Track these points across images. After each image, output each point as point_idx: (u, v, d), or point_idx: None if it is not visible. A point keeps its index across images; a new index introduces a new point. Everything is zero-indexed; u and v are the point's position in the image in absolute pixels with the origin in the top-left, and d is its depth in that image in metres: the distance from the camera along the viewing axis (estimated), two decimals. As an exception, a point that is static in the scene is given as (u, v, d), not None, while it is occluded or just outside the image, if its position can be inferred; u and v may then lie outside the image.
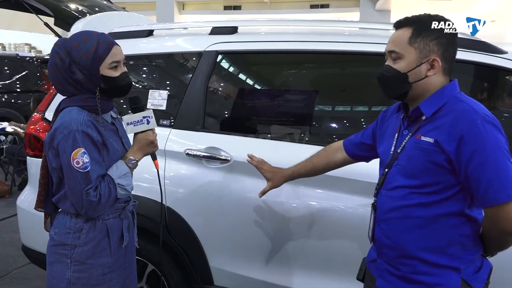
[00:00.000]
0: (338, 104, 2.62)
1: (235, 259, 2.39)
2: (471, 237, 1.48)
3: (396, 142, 1.59)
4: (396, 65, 1.51)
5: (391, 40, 1.54)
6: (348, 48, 2.39)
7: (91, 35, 1.69)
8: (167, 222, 2.40)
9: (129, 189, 1.72)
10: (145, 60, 2.74)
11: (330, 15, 17.25)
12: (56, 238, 1.73)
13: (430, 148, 1.45)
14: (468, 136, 1.38)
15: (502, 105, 2.46)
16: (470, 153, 1.38)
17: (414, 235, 1.49)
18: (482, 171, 1.37)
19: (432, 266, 1.48)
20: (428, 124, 1.49)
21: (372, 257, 1.68)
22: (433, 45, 1.48)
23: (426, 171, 1.46)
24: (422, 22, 1.50)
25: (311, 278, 2.29)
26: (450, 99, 1.48)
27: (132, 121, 1.75)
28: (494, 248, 1.53)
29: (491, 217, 1.42)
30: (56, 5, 3.13)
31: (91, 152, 1.62)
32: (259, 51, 2.51)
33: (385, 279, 1.58)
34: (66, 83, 1.68)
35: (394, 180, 1.55)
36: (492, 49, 2.22)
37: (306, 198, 2.27)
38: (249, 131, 2.55)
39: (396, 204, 1.53)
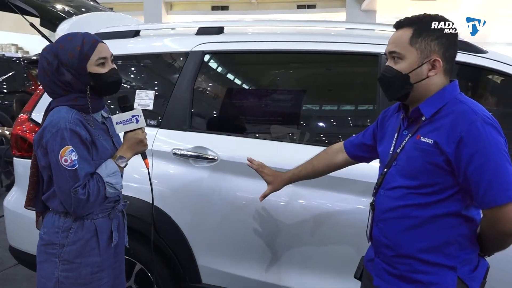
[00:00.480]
0: (325, 104, 2.63)
1: (222, 257, 2.39)
2: (468, 237, 1.48)
3: (396, 142, 1.57)
4: (397, 65, 1.49)
5: (392, 41, 1.52)
6: (334, 48, 2.40)
7: (76, 36, 1.70)
8: (155, 222, 2.39)
9: (118, 188, 1.72)
10: (132, 60, 2.73)
11: (316, 15, 17.32)
12: (45, 237, 1.73)
13: (429, 149, 1.43)
14: (467, 137, 1.37)
15: (484, 103, 2.49)
16: (470, 155, 1.36)
17: (412, 235, 1.48)
18: (482, 173, 1.36)
19: (429, 265, 1.47)
20: (428, 125, 1.47)
21: (370, 256, 1.67)
22: (434, 45, 1.46)
23: (425, 172, 1.45)
24: (422, 22, 1.48)
25: (299, 275, 2.30)
26: (450, 100, 1.46)
27: (121, 120, 1.74)
28: (492, 248, 1.52)
29: (491, 218, 1.41)
30: (42, 6, 3.10)
31: (79, 150, 1.61)
32: (245, 51, 2.52)
33: (383, 278, 1.57)
34: (55, 86, 1.69)
35: (393, 180, 1.54)
36: (474, 49, 2.25)
37: (294, 196, 2.28)
38: (236, 130, 2.55)
39: (394, 204, 1.52)
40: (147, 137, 2.09)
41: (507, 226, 1.38)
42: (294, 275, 2.31)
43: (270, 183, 2.00)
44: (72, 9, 3.32)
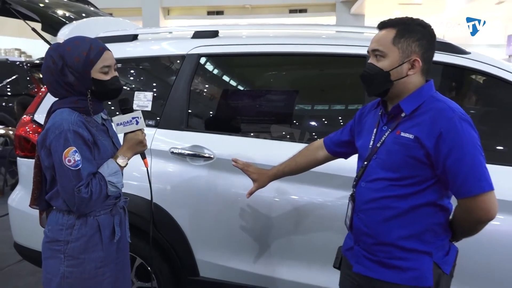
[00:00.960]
0: (316, 103, 2.64)
1: (219, 251, 2.39)
2: (443, 225, 1.53)
3: (375, 137, 1.60)
4: (380, 63, 1.52)
5: (376, 40, 1.54)
6: (325, 50, 2.41)
7: (84, 40, 1.70)
8: (154, 218, 2.39)
9: (120, 186, 1.72)
10: (131, 63, 2.72)
11: (308, 19, 17.34)
12: (49, 234, 1.73)
13: (410, 143, 1.47)
14: (446, 133, 1.41)
15: (467, 102, 2.50)
16: (449, 149, 1.41)
17: (392, 224, 1.51)
18: (459, 165, 1.41)
19: (407, 252, 1.50)
20: (408, 121, 1.51)
21: (348, 245, 1.68)
22: (415, 46, 1.49)
23: (405, 165, 1.48)
24: (406, 24, 1.51)
25: (291, 267, 2.31)
26: (428, 98, 1.51)
27: (122, 122, 1.75)
28: (463, 235, 1.58)
29: (466, 206, 1.46)
30: (43, 11, 3.08)
31: (82, 150, 1.61)
32: (239, 54, 2.52)
33: (363, 264, 1.59)
34: (58, 86, 1.68)
35: (373, 173, 1.56)
36: (457, 50, 2.25)
37: (287, 192, 2.28)
38: (231, 129, 2.55)
39: (375, 195, 1.54)
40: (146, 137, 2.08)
41: (480, 214, 1.44)
42: (285, 267, 2.32)
43: (256, 181, 2.01)
44: (72, 15, 3.30)
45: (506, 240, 2.03)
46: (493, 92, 2.36)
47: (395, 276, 1.51)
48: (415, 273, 1.49)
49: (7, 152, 6.23)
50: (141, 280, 2.53)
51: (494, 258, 2.04)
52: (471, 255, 1.93)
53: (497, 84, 2.24)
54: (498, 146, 2.30)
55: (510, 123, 2.30)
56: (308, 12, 17.67)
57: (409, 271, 1.50)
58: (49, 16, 3.04)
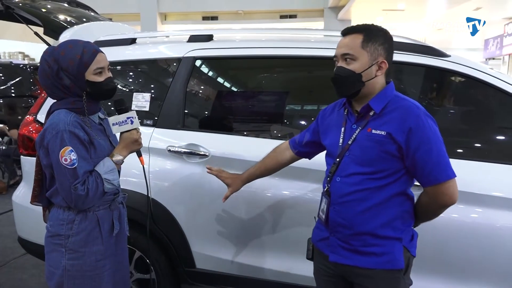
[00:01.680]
0: (306, 104, 2.63)
1: (214, 244, 2.39)
2: (410, 212, 1.61)
3: (344, 135, 1.63)
4: (350, 66, 1.55)
5: (344, 45, 1.58)
6: (314, 53, 2.40)
7: (77, 44, 1.68)
8: (152, 213, 2.38)
9: (116, 183, 1.70)
10: (129, 65, 2.70)
11: (297, 24, 17.36)
12: (51, 229, 1.72)
13: (383, 139, 1.52)
14: (415, 128, 1.48)
15: (447, 102, 2.51)
16: (418, 143, 1.48)
17: (368, 215, 1.56)
18: (428, 157, 1.48)
19: (381, 239, 1.56)
20: (377, 119, 1.55)
21: (320, 236, 1.70)
22: (381, 49, 1.55)
23: (379, 159, 1.53)
24: (370, 30, 1.57)
25: (281, 259, 2.31)
26: (392, 98, 1.57)
27: (117, 122, 1.73)
28: (425, 219, 1.66)
29: (432, 193, 1.54)
30: (45, 16, 3.04)
31: (78, 150, 1.60)
32: (232, 57, 2.50)
33: (339, 254, 1.62)
34: (55, 88, 1.67)
35: (348, 168, 1.59)
36: (437, 53, 2.26)
37: (278, 188, 2.28)
38: (225, 129, 2.54)
39: (351, 189, 1.57)
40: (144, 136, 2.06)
41: (446, 198, 1.53)
42: (276, 259, 2.31)
43: (230, 185, 2.01)
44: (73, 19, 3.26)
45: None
46: (471, 92, 2.37)
47: (371, 262, 1.56)
48: (388, 257, 1.55)
49: (11, 151, 6.17)
50: (140, 272, 2.52)
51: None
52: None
53: (475, 85, 2.25)
54: (476, 143, 2.32)
55: (487, 121, 2.32)
56: (298, 17, 17.68)
57: (383, 256, 1.55)
58: (51, 20, 3.01)
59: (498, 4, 11.41)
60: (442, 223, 1.99)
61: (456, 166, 1.55)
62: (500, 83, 2.15)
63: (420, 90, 2.48)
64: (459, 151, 2.24)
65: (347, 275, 1.63)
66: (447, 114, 2.45)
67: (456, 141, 2.32)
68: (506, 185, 2.06)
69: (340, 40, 1.61)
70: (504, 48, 12.74)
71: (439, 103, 2.52)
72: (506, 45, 12.60)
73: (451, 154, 2.15)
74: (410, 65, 2.27)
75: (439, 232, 2.06)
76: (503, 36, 12.77)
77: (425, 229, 1.76)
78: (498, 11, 12.09)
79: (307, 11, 17.29)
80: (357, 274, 1.59)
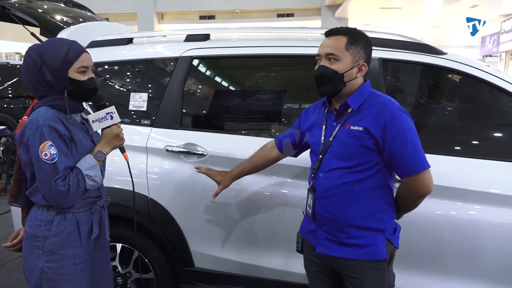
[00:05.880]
0: (303, 102, 2.63)
1: (213, 243, 2.39)
2: (391, 204, 1.68)
3: (325, 133, 1.70)
4: (334, 66, 1.62)
5: (328, 45, 1.64)
6: (311, 52, 2.39)
7: (65, 41, 1.67)
8: (151, 212, 2.38)
9: (98, 180, 1.65)
10: (126, 65, 2.69)
11: (294, 23, 17.36)
12: (28, 231, 1.67)
13: (360, 135, 1.59)
14: (390, 122, 1.56)
15: (444, 99, 2.52)
16: (393, 136, 1.56)
17: (351, 207, 1.62)
18: (403, 149, 1.56)
19: (363, 230, 1.62)
20: (355, 116, 1.63)
21: (308, 228, 1.76)
22: (362, 52, 1.64)
23: (358, 153, 1.60)
24: (354, 34, 1.65)
25: (279, 257, 2.31)
26: (369, 95, 1.65)
27: (97, 118, 1.69)
28: (405, 211, 1.73)
29: (409, 184, 1.62)
30: (42, 16, 3.03)
31: (58, 145, 1.57)
32: (229, 56, 2.50)
33: (325, 246, 1.68)
34: (37, 83, 1.64)
35: (330, 164, 1.66)
36: (434, 51, 2.26)
37: (275, 187, 2.28)
38: (223, 128, 2.54)
39: (335, 183, 1.64)
40: (142, 136, 2.06)
41: (422, 188, 1.60)
42: (278, 257, 2.31)
43: (220, 183, 2.06)
44: (70, 19, 3.25)
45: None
46: (468, 89, 2.38)
47: (355, 253, 1.62)
48: (372, 249, 1.61)
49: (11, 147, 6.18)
50: (138, 271, 2.51)
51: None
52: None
53: (471, 82, 2.26)
54: (474, 140, 2.33)
55: (483, 118, 2.33)
56: (295, 16, 17.67)
57: (367, 247, 1.61)
58: (47, 21, 3.00)
59: (494, 1, 11.43)
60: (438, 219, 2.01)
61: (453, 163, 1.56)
62: (496, 80, 2.16)
63: (417, 88, 2.48)
64: (456, 149, 2.25)
65: (334, 266, 1.69)
66: (444, 111, 2.46)
67: (453, 139, 2.33)
68: (504, 182, 2.07)
69: (323, 40, 1.67)
70: (501, 45, 12.75)
71: (436, 101, 2.53)
72: (503, 42, 12.62)
73: (447, 152, 2.18)
74: (407, 63, 2.27)
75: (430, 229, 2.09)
76: (499, 33, 12.78)
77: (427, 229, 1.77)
78: (494, 8, 12.12)
79: (304, 9, 17.28)
80: (343, 265, 1.65)
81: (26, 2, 3.26)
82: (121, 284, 2.50)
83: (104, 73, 2.73)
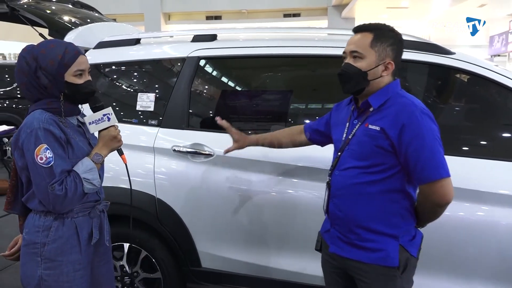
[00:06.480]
0: (309, 102, 2.63)
1: (220, 243, 2.39)
2: (408, 210, 1.60)
3: (347, 130, 1.67)
4: (357, 64, 1.58)
5: (353, 42, 1.60)
6: (318, 52, 2.40)
7: (59, 43, 1.62)
8: (158, 212, 2.39)
9: (96, 183, 1.60)
10: (134, 66, 2.70)
11: (301, 23, 17.35)
12: (26, 237, 1.61)
13: (377, 134, 1.55)
14: (408, 124, 1.49)
15: (452, 99, 2.50)
16: (410, 139, 1.49)
17: (363, 208, 1.58)
18: (419, 154, 1.48)
19: (375, 234, 1.57)
20: (375, 115, 1.58)
21: (326, 228, 1.75)
22: (389, 50, 1.58)
23: (373, 154, 1.56)
24: (381, 30, 1.59)
25: (285, 257, 2.30)
26: (393, 95, 1.58)
27: (94, 120, 1.64)
28: (426, 219, 1.64)
29: (425, 192, 1.54)
30: (50, 17, 3.06)
31: (54, 148, 1.52)
32: (236, 56, 2.50)
33: (337, 245, 1.66)
34: (31, 87, 1.59)
35: (346, 162, 1.63)
36: (442, 51, 2.25)
37: (281, 186, 2.28)
38: (230, 128, 2.54)
39: (348, 182, 1.61)
40: (149, 136, 2.05)
41: (439, 198, 1.51)
42: (284, 257, 2.31)
43: (236, 141, 2.05)
44: (78, 20, 3.29)
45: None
46: (476, 89, 2.36)
47: (365, 256, 1.58)
48: (382, 254, 1.56)
49: None
50: (146, 271, 2.52)
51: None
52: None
53: (480, 82, 2.24)
54: (482, 141, 2.31)
55: (492, 119, 2.31)
56: (302, 16, 17.66)
57: (377, 252, 1.57)
58: (55, 22, 3.03)
59: (502, 0, 11.34)
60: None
61: (462, 164, 1.55)
62: (505, 80, 2.14)
63: (425, 88, 2.47)
64: (464, 149, 2.23)
65: (347, 267, 1.66)
66: (452, 111, 2.44)
67: (461, 139, 2.31)
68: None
69: (351, 37, 1.63)
70: (510, 44, 12.65)
71: (444, 101, 2.51)
72: (511, 42, 12.52)
73: (455, 152, 2.16)
74: (415, 63, 2.26)
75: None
76: (508, 33, 12.68)
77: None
78: (503, 8, 12.02)
79: (310, 9, 17.27)
80: (354, 267, 1.62)
81: (35, 3, 3.30)
82: (129, 283, 2.52)
83: (112, 74, 2.75)
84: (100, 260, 1.75)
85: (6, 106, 8.04)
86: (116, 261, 2.50)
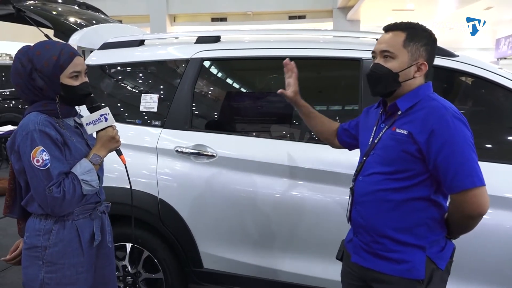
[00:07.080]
0: (314, 104, 2.62)
1: (222, 244, 2.39)
2: (437, 220, 1.49)
3: (374, 134, 1.59)
4: (388, 64, 1.49)
5: (385, 41, 1.52)
6: (323, 54, 2.40)
7: (55, 45, 1.59)
8: (161, 212, 2.39)
9: (95, 185, 1.58)
10: (138, 67, 2.72)
11: (306, 25, 17.35)
12: (27, 241, 1.59)
13: (404, 139, 1.46)
14: (438, 129, 1.40)
15: (455, 102, 2.49)
16: (440, 145, 1.39)
17: (386, 217, 1.50)
18: (450, 161, 1.39)
19: (400, 245, 1.49)
20: (403, 118, 1.50)
21: (349, 237, 1.67)
22: (423, 50, 1.49)
23: (399, 159, 1.47)
24: (414, 29, 1.51)
25: (290, 259, 2.30)
26: (424, 97, 1.49)
27: (91, 121, 1.60)
28: (458, 231, 1.53)
29: (457, 201, 1.43)
30: (56, 18, 3.09)
31: (50, 150, 1.49)
32: (240, 58, 2.51)
33: (360, 255, 1.58)
34: (27, 89, 1.56)
35: (370, 167, 1.55)
36: (445, 53, 2.24)
37: (286, 188, 2.28)
38: (233, 129, 2.55)
39: (371, 188, 1.53)
40: (152, 137, 2.06)
41: (471, 208, 1.40)
42: (286, 259, 2.31)
43: (290, 85, 1.96)
44: (83, 21, 3.31)
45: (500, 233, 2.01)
46: (480, 92, 2.36)
47: (389, 267, 1.50)
48: (407, 266, 1.47)
49: None
50: (148, 271, 2.53)
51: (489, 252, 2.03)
52: (468, 250, 1.90)
53: (483, 85, 2.23)
54: (486, 144, 2.30)
55: (496, 122, 2.30)
56: (307, 18, 17.67)
57: (402, 263, 1.48)
58: (61, 23, 3.05)
59: (509, 3, 11.28)
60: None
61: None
62: (508, 82, 2.13)
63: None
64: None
65: (368, 278, 1.57)
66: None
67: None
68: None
69: (381, 36, 1.56)
70: (516, 47, 12.59)
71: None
72: (517, 45, 12.46)
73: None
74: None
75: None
76: (514, 36, 12.62)
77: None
78: (509, 10, 11.96)
79: (316, 11, 17.27)
80: (376, 278, 1.54)
81: (41, 5, 3.32)
82: (131, 283, 2.53)
83: (116, 74, 2.76)
84: (104, 262, 1.72)
85: (12, 106, 8.10)
86: (119, 261, 2.52)
